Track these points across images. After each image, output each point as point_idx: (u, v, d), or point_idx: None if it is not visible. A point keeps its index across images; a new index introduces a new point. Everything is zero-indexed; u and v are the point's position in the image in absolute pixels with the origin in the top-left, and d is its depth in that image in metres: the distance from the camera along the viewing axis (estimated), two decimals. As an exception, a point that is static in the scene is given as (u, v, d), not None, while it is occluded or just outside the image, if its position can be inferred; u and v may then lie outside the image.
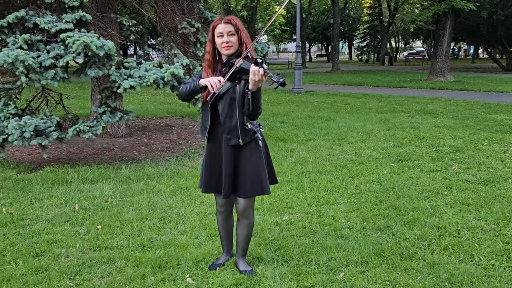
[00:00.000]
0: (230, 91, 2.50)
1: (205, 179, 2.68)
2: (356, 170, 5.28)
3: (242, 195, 2.65)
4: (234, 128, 2.53)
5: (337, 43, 27.13)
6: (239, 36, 2.47)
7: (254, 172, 2.62)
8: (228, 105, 2.50)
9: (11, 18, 4.77)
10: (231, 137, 2.55)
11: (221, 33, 2.44)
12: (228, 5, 23.83)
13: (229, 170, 2.61)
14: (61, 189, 4.60)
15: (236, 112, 2.51)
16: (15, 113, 5.10)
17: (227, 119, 2.52)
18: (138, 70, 5.01)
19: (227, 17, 2.49)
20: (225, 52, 2.48)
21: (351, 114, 9.64)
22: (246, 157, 2.61)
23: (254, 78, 2.28)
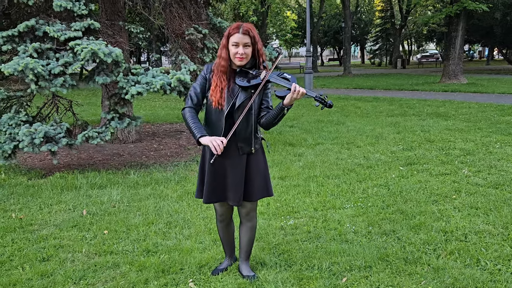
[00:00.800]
0: (246, 102, 2.47)
1: (208, 190, 2.64)
2: (364, 174, 5.24)
3: (250, 199, 2.68)
4: (249, 137, 2.55)
5: (348, 46, 27.04)
6: (255, 48, 2.42)
7: (262, 177, 2.68)
8: (245, 117, 2.48)
9: (22, 27, 4.87)
10: (244, 145, 2.56)
11: (236, 43, 2.38)
12: (238, 10, 23.93)
13: (240, 178, 2.61)
14: (70, 194, 4.67)
15: (251, 123, 2.53)
16: (26, 120, 5.20)
17: (243, 129, 2.52)
18: (145, 76, 5.06)
19: (245, 27, 2.38)
20: (238, 63, 2.43)
21: (361, 118, 9.59)
22: (254, 163, 2.64)
23: (296, 97, 2.32)
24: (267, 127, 2.53)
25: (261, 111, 2.56)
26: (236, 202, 2.63)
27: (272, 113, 2.47)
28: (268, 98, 2.57)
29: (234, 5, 24.94)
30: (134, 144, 7.29)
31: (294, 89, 2.32)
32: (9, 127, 5.11)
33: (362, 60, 52.27)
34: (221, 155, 2.51)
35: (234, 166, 2.60)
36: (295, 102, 11.96)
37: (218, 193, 2.65)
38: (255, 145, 2.59)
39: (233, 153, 2.57)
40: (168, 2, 5.71)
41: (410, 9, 33.50)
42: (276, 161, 5.96)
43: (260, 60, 2.48)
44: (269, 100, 2.57)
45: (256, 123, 2.56)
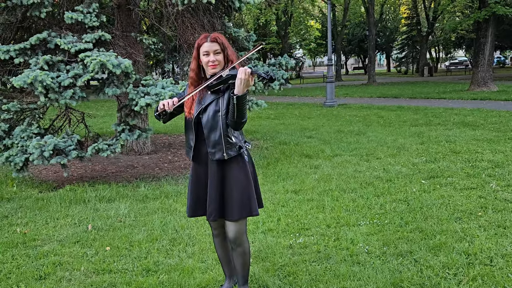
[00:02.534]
0: (213, 104, 2.41)
1: (191, 202, 2.54)
2: (382, 188, 4.96)
3: (230, 218, 2.48)
4: (218, 141, 2.42)
5: (373, 55, 26.60)
6: (225, 54, 2.42)
7: (241, 191, 2.47)
8: (211, 118, 2.41)
9: (33, 40, 4.88)
10: (215, 151, 2.42)
11: (207, 52, 2.39)
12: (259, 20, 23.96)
13: (215, 189, 2.47)
14: (77, 208, 4.59)
15: (220, 125, 2.41)
16: (37, 132, 5.19)
17: (211, 132, 2.41)
18: (154, 87, 4.98)
19: (213, 35, 2.42)
20: (211, 71, 2.41)
21: (383, 128, 9.25)
22: (232, 174, 2.47)
23: (240, 76, 2.19)
24: (232, 125, 2.37)
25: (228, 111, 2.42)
26: (209, 216, 2.48)
27: (229, 107, 2.34)
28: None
29: (257, 15, 24.98)
30: (149, 155, 7.23)
31: (239, 70, 2.20)
32: (21, 139, 5.11)
33: (388, 68, 51.36)
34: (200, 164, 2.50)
35: (211, 177, 2.47)
36: (317, 111, 11.60)
37: (201, 206, 2.53)
38: (228, 151, 2.42)
39: (211, 162, 2.47)
40: (181, 13, 5.64)
41: (437, 16, 32.73)
42: (291, 173, 5.74)
43: (229, 65, 2.43)
44: None
45: (226, 126, 2.41)
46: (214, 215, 2.46)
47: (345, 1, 28.66)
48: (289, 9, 27.47)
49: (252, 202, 2.49)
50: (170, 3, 5.44)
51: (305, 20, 32.43)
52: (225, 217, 2.50)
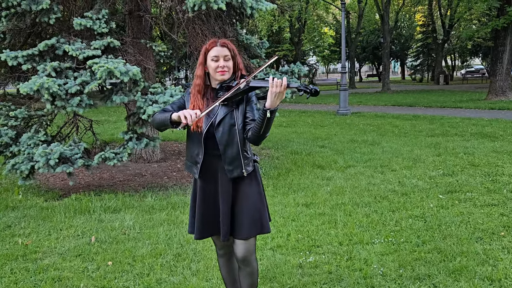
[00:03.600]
0: (228, 117, 2.24)
1: (198, 223, 2.35)
2: (397, 203, 4.75)
3: (239, 236, 2.32)
4: (236, 157, 2.26)
5: (387, 62, 26.29)
6: (235, 61, 2.26)
7: (253, 209, 2.32)
8: (227, 132, 2.24)
9: (42, 46, 4.81)
10: (232, 168, 2.27)
11: (216, 57, 2.22)
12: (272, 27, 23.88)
13: (227, 207, 2.31)
14: (82, 218, 4.47)
15: (237, 140, 2.25)
16: (44, 139, 5.11)
17: (228, 148, 2.25)
18: (163, 95, 4.86)
19: (222, 40, 2.27)
20: (219, 78, 2.24)
21: (398, 138, 9.00)
22: (245, 191, 2.32)
23: (276, 90, 2.01)
24: (255, 140, 2.20)
25: (246, 125, 2.26)
26: (223, 237, 2.31)
27: (256, 121, 2.16)
28: (253, 110, 2.28)
29: (270, 22, 24.91)
30: (158, 163, 7.11)
31: (272, 81, 2.01)
32: (28, 147, 5.03)
33: (402, 76, 50.82)
34: (208, 180, 2.31)
35: (223, 194, 2.30)
36: (330, 119, 11.38)
37: (210, 226, 2.35)
38: (246, 167, 2.28)
39: (222, 179, 2.30)
40: (191, 19, 5.53)
41: (453, 23, 32.28)
42: (302, 185, 5.56)
43: (239, 73, 2.29)
44: (254, 113, 2.27)
45: (244, 140, 2.27)
46: (227, 235, 2.31)
47: (360, 8, 28.44)
48: (303, 16, 27.35)
49: (263, 219, 2.35)
50: (181, 10, 5.34)
51: (319, 27, 32.26)
52: (233, 235, 2.34)
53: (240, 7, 5.12)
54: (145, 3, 6.23)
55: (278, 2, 7.16)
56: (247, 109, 2.28)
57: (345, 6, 14.67)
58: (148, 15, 5.79)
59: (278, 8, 6.72)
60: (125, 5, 6.37)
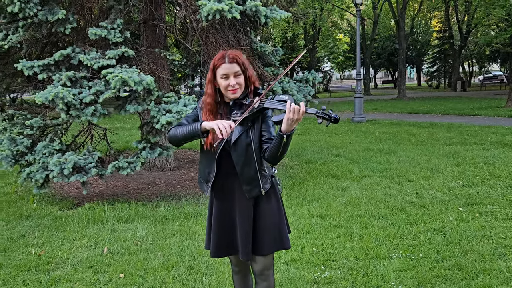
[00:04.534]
0: (244, 136, 2.15)
1: (215, 242, 2.29)
2: (415, 215, 4.61)
3: (260, 253, 2.26)
4: (254, 177, 2.19)
5: (403, 69, 26.00)
6: (246, 75, 2.13)
7: (273, 225, 2.26)
8: (244, 152, 2.16)
9: (57, 56, 4.84)
10: (251, 188, 2.20)
11: (226, 75, 2.08)
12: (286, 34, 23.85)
13: (248, 227, 2.24)
14: (95, 228, 4.46)
15: (254, 159, 2.17)
16: (59, 148, 5.13)
17: (245, 168, 2.18)
18: (176, 105, 4.84)
19: (231, 54, 2.10)
20: (232, 96, 2.13)
21: (415, 146, 8.83)
22: (264, 208, 2.26)
23: (293, 117, 1.93)
24: (273, 161, 2.14)
25: (262, 144, 2.18)
26: (245, 256, 2.24)
27: (272, 144, 2.08)
28: (269, 128, 2.19)
29: (285, 29, 24.91)
30: (172, 172, 7.09)
31: (289, 107, 1.92)
32: (43, 155, 5.05)
33: (418, 82, 50.19)
34: (224, 199, 2.24)
35: (242, 213, 2.23)
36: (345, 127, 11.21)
37: (227, 245, 2.29)
38: (264, 185, 2.22)
39: (240, 198, 2.23)
40: (205, 28, 5.51)
41: (471, 29, 31.80)
42: (317, 196, 5.46)
43: (251, 87, 2.18)
44: (271, 131, 2.19)
45: (261, 159, 2.19)
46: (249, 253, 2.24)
47: (375, 14, 28.26)
48: (318, 23, 27.29)
49: (283, 234, 2.29)
50: (195, 19, 5.33)
51: (333, 34, 32.15)
52: (253, 252, 2.27)
53: (254, 16, 5.08)
54: (160, 12, 6.25)
55: (292, 10, 7.11)
56: (262, 127, 2.20)
57: (360, 13, 14.56)
58: (162, 24, 5.79)
59: (293, 16, 6.67)
60: (140, 14, 6.40)
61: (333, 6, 27.16)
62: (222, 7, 4.56)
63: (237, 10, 4.76)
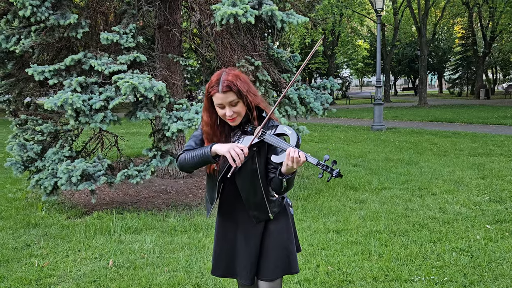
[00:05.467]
0: (248, 163, 1.98)
1: (215, 260, 2.19)
2: (439, 232, 4.32)
3: (264, 277, 2.09)
4: (260, 203, 2.05)
5: (424, 76, 25.42)
6: (245, 101, 1.90)
7: (281, 247, 2.10)
8: (249, 179, 2.01)
9: (68, 61, 4.75)
10: (257, 213, 2.07)
11: (221, 105, 1.89)
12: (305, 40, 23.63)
13: (255, 251, 2.10)
14: (101, 239, 4.31)
15: (259, 185, 2.02)
16: (69, 155, 5.02)
17: (250, 195, 2.04)
18: (188, 112, 4.67)
19: (225, 81, 1.85)
20: (231, 125, 1.98)
21: (437, 157, 8.47)
22: (270, 228, 2.11)
23: (292, 165, 1.78)
24: (278, 194, 2.05)
25: (269, 172, 2.03)
26: (248, 280, 2.08)
27: (274, 181, 1.96)
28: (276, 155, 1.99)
29: (303, 35, 24.70)
30: (184, 179, 6.93)
31: (288, 155, 1.76)
32: (52, 162, 4.95)
33: (440, 90, 49.21)
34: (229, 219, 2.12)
35: (247, 236, 2.09)
36: (363, 135, 10.89)
37: (226, 266, 2.15)
38: (273, 209, 2.07)
39: (245, 218, 2.09)
40: (220, 33, 5.35)
41: (495, 36, 30.99)
42: (333, 208, 5.21)
43: (255, 113, 1.96)
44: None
45: (267, 186, 2.04)
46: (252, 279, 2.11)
47: (396, 20, 27.79)
48: (337, 28, 26.99)
49: (291, 257, 2.12)
50: (209, 24, 5.17)
51: (353, 40, 31.76)
52: (257, 276, 2.12)
53: (270, 21, 4.89)
54: (175, 17, 6.13)
55: (310, 15, 6.90)
56: (269, 153, 2.02)
57: (380, 19, 14.24)
58: (176, 29, 5.65)
59: (311, 22, 6.47)
60: (155, 19, 6.29)
61: (353, 12, 26.83)
62: (236, 11, 4.38)
63: (252, 14, 4.58)
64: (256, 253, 2.09)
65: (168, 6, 5.89)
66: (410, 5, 24.60)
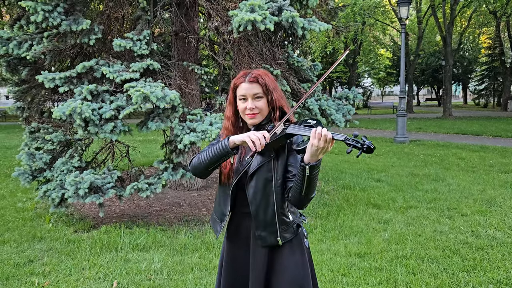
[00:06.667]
0: (263, 169, 1.75)
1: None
2: (472, 260, 3.93)
3: None
4: (271, 221, 1.78)
5: (449, 86, 24.71)
6: (270, 99, 1.77)
7: (294, 285, 1.82)
8: (261, 189, 1.76)
9: (80, 68, 4.57)
10: (265, 234, 1.79)
11: (244, 96, 1.77)
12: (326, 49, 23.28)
13: (261, 284, 1.83)
14: (107, 256, 4.07)
15: (273, 199, 1.77)
16: (78, 166, 4.83)
17: (260, 209, 1.77)
18: (201, 123, 4.42)
19: (253, 73, 1.78)
20: (250, 122, 1.80)
21: (465, 173, 8.00)
22: (283, 263, 1.83)
23: (318, 144, 1.54)
24: (297, 203, 1.71)
25: (287, 181, 1.76)
26: None
27: (295, 179, 1.67)
28: (297, 163, 1.76)
29: (325, 43, 24.36)
30: (198, 192, 6.68)
31: (314, 132, 1.55)
32: (61, 173, 4.77)
33: (464, 101, 47.99)
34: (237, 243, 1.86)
35: (256, 264, 1.82)
36: (386, 147, 10.44)
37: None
38: (283, 234, 1.80)
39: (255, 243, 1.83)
40: (237, 41, 5.11)
41: (524, 46, 30.02)
42: (355, 229, 4.86)
43: (277, 113, 1.81)
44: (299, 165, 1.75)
45: (282, 200, 1.78)
46: None
47: (420, 29, 27.19)
48: (359, 37, 26.56)
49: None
50: (226, 31, 4.94)
51: (375, 49, 31.23)
52: None
53: (291, 28, 4.61)
54: (192, 24, 5.92)
55: (333, 23, 6.60)
56: (289, 160, 1.79)
57: (405, 28, 13.82)
58: (192, 36, 5.44)
59: (333, 29, 6.17)
60: (172, 25, 6.11)
61: (376, 20, 26.37)
62: (254, 17, 4.13)
63: (271, 21, 4.31)
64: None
65: (184, 13, 5.69)
66: (435, 14, 24.02)
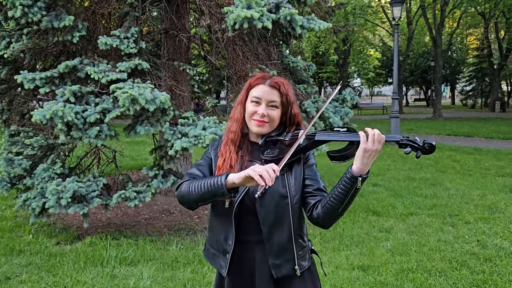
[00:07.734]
0: (276, 185, 1.51)
1: None
2: (482, 273, 3.71)
3: None
4: (287, 246, 1.54)
5: (439, 87, 24.72)
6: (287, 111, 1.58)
7: None
8: (275, 207, 1.52)
9: (62, 68, 4.24)
10: (280, 262, 1.53)
11: (258, 99, 1.54)
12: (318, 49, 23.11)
13: None
14: (92, 272, 3.75)
15: (289, 219, 1.53)
16: (61, 172, 4.50)
17: (275, 232, 1.53)
18: (194, 128, 4.13)
19: (275, 79, 1.56)
20: (255, 129, 1.57)
21: (462, 176, 7.83)
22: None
23: (373, 147, 1.40)
24: (327, 220, 1.50)
25: (308, 198, 1.55)
26: None
27: (335, 193, 1.45)
28: (316, 176, 1.60)
29: (316, 44, 24.17)
30: (190, 198, 6.37)
31: (366, 136, 1.41)
32: (42, 180, 4.43)
33: (452, 101, 48.31)
34: (240, 278, 1.59)
35: None
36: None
37: None
38: (301, 261, 1.57)
39: (260, 275, 1.56)
40: (231, 39, 4.83)
41: (512, 47, 30.23)
42: (356, 238, 4.62)
43: (293, 128, 1.61)
44: (318, 180, 1.61)
45: (299, 221, 1.56)
46: None
47: (409, 30, 27.18)
48: (351, 37, 26.45)
49: None
50: (220, 29, 4.65)
51: (365, 49, 31.17)
52: None
53: (289, 26, 4.35)
54: (183, 21, 5.62)
55: (330, 21, 6.36)
56: (306, 173, 1.58)
57: (398, 28, 13.66)
58: (183, 35, 5.14)
59: (333, 28, 5.92)
60: (162, 23, 5.80)
61: (366, 21, 26.27)
62: (251, 14, 3.85)
63: (269, 18, 4.04)
64: None
65: (175, 10, 5.38)
66: (425, 15, 24.03)
